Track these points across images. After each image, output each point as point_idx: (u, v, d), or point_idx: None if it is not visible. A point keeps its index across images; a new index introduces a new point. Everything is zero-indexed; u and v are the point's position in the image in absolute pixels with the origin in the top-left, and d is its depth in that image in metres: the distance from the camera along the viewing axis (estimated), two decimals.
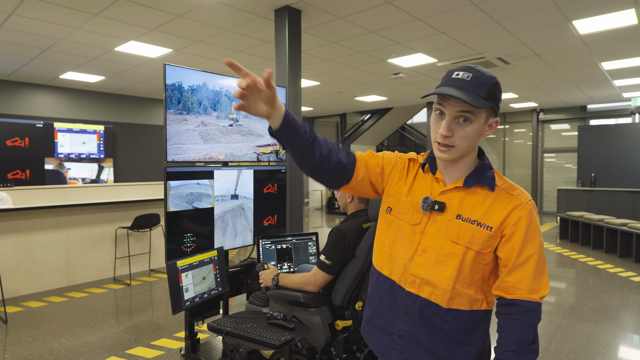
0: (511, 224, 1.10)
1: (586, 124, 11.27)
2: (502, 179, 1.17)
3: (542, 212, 12.16)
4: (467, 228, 1.11)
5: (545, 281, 1.11)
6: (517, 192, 1.14)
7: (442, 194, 1.16)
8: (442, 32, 5.03)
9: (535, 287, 1.09)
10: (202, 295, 2.28)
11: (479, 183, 1.14)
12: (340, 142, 12.87)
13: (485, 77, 1.08)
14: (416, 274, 1.15)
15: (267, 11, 4.37)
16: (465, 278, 1.12)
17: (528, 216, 1.10)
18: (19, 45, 5.54)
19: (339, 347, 2.14)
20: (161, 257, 5.77)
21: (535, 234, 1.11)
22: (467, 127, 1.07)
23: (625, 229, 6.18)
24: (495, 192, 1.13)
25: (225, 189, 2.78)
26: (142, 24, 4.73)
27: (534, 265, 1.09)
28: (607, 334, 3.50)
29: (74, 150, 8.30)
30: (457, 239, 1.12)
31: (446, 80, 1.10)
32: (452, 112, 1.07)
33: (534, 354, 1.09)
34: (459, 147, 1.09)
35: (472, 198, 1.14)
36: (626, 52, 5.91)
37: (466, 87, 1.06)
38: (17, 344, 3.29)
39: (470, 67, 1.10)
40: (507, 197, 1.13)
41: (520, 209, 1.11)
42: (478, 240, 1.11)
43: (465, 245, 1.11)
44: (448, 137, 1.07)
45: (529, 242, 1.09)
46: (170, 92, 2.43)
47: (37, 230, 4.65)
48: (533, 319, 1.09)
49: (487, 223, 1.11)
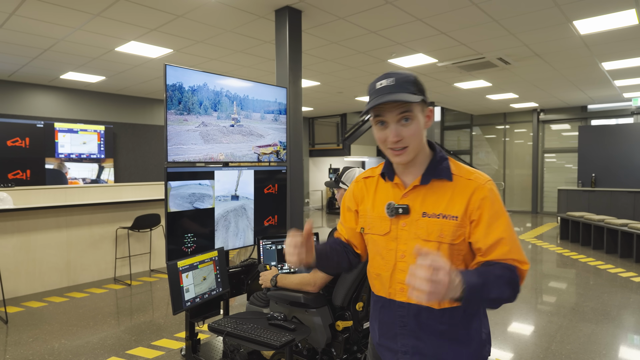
0: (475, 207, 1.11)
1: (587, 124, 11.26)
2: (458, 166, 1.19)
3: (543, 212, 12.15)
4: (434, 223, 1.13)
5: (523, 255, 1.10)
6: (475, 176, 1.15)
7: (404, 196, 1.18)
8: (443, 32, 5.03)
9: (512, 255, 1.09)
10: (202, 295, 2.28)
11: (435, 177, 1.16)
12: (340, 143, 12.88)
13: (406, 76, 1.13)
14: (399, 279, 1.17)
15: (267, 11, 4.37)
16: None
17: (489, 195, 1.12)
18: (19, 45, 5.54)
19: (339, 347, 2.14)
20: (162, 257, 5.77)
21: (501, 211, 1.12)
22: (411, 124, 1.11)
23: (626, 230, 6.18)
24: (453, 182, 1.15)
25: (226, 189, 2.78)
26: (143, 24, 4.73)
27: (508, 238, 1.09)
28: (608, 334, 3.50)
29: (74, 150, 8.31)
30: (428, 236, 1.13)
31: (374, 92, 1.13)
32: (393, 117, 1.11)
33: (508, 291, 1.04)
34: (412, 146, 1.12)
35: (433, 193, 1.16)
36: (627, 52, 5.91)
37: (394, 90, 1.10)
38: (17, 344, 3.29)
39: (388, 73, 1.15)
40: (466, 182, 1.14)
41: (479, 190, 1.12)
42: (447, 232, 1.12)
43: (437, 241, 1.12)
44: (399, 141, 1.11)
45: (496, 221, 1.10)
46: (170, 92, 2.43)
47: (38, 230, 4.65)
48: (511, 276, 1.05)
49: (452, 213, 1.12)
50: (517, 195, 12.68)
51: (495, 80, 7.81)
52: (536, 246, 7.33)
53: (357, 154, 12.75)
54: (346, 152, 12.61)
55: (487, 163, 13.28)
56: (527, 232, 8.83)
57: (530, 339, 3.42)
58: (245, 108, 2.88)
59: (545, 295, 4.62)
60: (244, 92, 2.86)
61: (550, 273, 5.57)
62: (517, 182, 12.69)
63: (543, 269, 5.79)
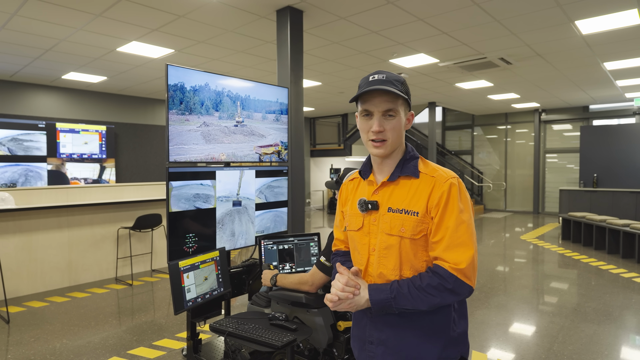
0: (434, 204, 1.16)
1: (588, 124, 11.24)
2: (426, 165, 1.24)
3: (544, 212, 12.13)
4: (397, 218, 1.19)
5: (463, 256, 1.11)
6: (438, 173, 1.20)
7: (375, 193, 1.26)
8: (444, 32, 5.02)
9: (447, 256, 1.12)
10: (204, 295, 2.28)
11: (402, 174, 1.23)
12: (341, 143, 12.89)
13: (396, 76, 1.23)
14: (371, 273, 1.24)
15: (269, 12, 4.37)
16: (409, 265, 1.18)
17: (447, 191, 1.16)
18: (21, 45, 5.55)
19: (341, 347, 2.14)
20: (163, 257, 5.77)
21: (452, 208, 1.14)
22: (393, 120, 1.20)
23: (628, 230, 6.16)
24: (419, 179, 1.21)
25: (228, 189, 2.78)
26: (144, 24, 4.73)
27: (447, 238, 1.12)
28: (610, 335, 3.49)
29: (76, 150, 8.32)
30: (390, 230, 1.20)
31: (366, 84, 1.21)
32: (379, 110, 1.19)
33: (427, 301, 1.12)
34: (391, 140, 1.20)
35: (400, 189, 1.23)
36: (629, 52, 5.90)
37: (385, 84, 1.18)
38: (19, 344, 3.30)
39: (381, 70, 1.24)
40: (429, 180, 1.20)
41: (439, 186, 1.17)
42: (408, 227, 1.17)
43: (398, 235, 1.18)
44: (381, 132, 1.19)
45: (445, 216, 1.14)
46: (172, 92, 2.43)
47: (40, 230, 4.65)
48: (434, 283, 1.11)
49: (414, 209, 1.18)
50: (519, 196, 12.66)
51: (496, 80, 7.80)
52: (538, 246, 7.32)
53: (358, 154, 12.75)
54: (347, 152, 12.62)
55: (488, 163, 13.27)
56: (528, 233, 8.82)
57: (532, 340, 3.42)
58: (246, 108, 2.88)
59: (547, 295, 4.61)
60: (245, 92, 2.86)
61: (552, 273, 5.56)
62: (519, 182, 12.67)
63: (545, 269, 5.78)
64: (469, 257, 1.11)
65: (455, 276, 1.10)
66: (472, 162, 13.51)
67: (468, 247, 1.12)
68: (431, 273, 1.13)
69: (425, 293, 1.11)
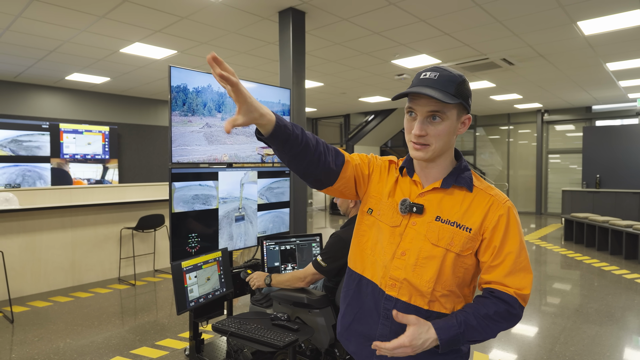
0: (491, 226, 1.10)
1: (591, 124, 11.21)
2: (479, 180, 1.17)
3: (547, 213, 12.10)
4: (447, 230, 1.11)
5: (525, 281, 1.09)
6: (495, 192, 1.15)
7: (420, 196, 1.16)
8: (446, 33, 5.02)
9: (509, 281, 1.08)
10: (206, 295, 2.29)
11: (456, 184, 1.14)
12: (343, 144, 12.88)
13: (452, 76, 1.09)
14: (396, 277, 1.13)
15: (271, 13, 4.39)
16: (446, 280, 1.11)
17: (507, 214, 1.11)
18: (25, 47, 5.59)
19: (342, 348, 2.15)
20: (166, 257, 5.79)
21: (514, 233, 1.10)
22: (439, 125, 1.08)
23: (631, 231, 6.15)
24: (473, 193, 1.14)
25: (230, 190, 2.79)
26: (147, 25, 4.76)
27: (510, 263, 1.08)
28: (612, 336, 3.49)
29: (79, 151, 8.36)
30: (437, 241, 1.11)
31: (415, 82, 1.11)
32: (422, 111, 1.08)
33: (496, 329, 1.08)
34: (434, 146, 1.09)
35: (451, 199, 1.14)
36: (632, 53, 5.88)
37: (434, 85, 1.07)
38: (23, 344, 3.32)
39: (437, 67, 1.12)
40: (485, 196, 1.13)
41: (498, 207, 1.11)
42: (458, 242, 1.10)
43: (445, 248, 1.10)
44: (422, 137, 1.09)
45: (508, 241, 1.10)
46: (175, 93, 2.45)
47: (43, 230, 4.68)
48: (502, 311, 1.07)
49: (467, 224, 1.10)
50: (521, 196, 12.63)
51: (499, 81, 7.79)
52: (540, 247, 7.31)
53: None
54: (349, 152, 12.60)
55: (490, 164, 13.24)
56: (531, 233, 8.80)
57: (534, 341, 3.42)
58: None
59: (549, 296, 4.60)
60: None
61: (554, 274, 5.55)
62: (521, 183, 12.65)
63: (547, 270, 5.77)
64: (530, 282, 1.09)
65: (519, 302, 1.08)
66: (474, 162, 13.49)
67: (529, 271, 1.09)
68: (494, 299, 1.08)
69: (493, 322, 1.06)
